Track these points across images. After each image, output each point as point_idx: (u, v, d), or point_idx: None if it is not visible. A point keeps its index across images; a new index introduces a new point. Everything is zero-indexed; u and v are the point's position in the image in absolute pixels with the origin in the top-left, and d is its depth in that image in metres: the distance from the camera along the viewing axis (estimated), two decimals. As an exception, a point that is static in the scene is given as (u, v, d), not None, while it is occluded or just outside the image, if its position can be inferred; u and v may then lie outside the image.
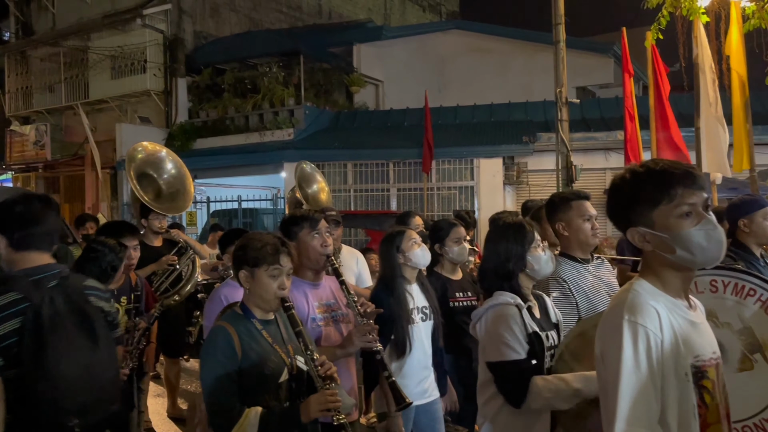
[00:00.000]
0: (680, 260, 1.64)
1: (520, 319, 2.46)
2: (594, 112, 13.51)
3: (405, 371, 3.24)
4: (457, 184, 13.05)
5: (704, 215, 1.62)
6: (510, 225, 2.69)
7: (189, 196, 5.86)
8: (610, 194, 1.78)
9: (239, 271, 2.43)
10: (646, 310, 1.59)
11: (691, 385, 1.58)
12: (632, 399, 1.52)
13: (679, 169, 1.64)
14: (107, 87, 16.21)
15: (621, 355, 1.55)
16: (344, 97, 16.41)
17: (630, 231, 1.70)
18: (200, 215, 14.28)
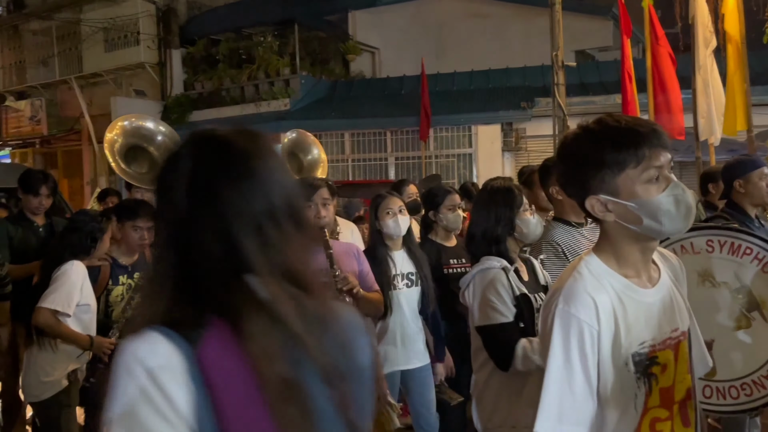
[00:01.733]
0: (646, 231, 1.46)
1: (507, 282, 2.48)
2: (593, 75, 13.36)
3: (388, 336, 3.31)
4: (456, 152, 12.99)
5: (671, 178, 1.45)
6: (498, 189, 2.69)
7: None
8: (562, 157, 1.57)
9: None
10: (581, 299, 1.43)
11: (632, 375, 1.45)
12: (559, 395, 1.40)
13: (644, 127, 1.44)
14: (101, 60, 16.04)
15: (551, 346, 1.43)
16: (341, 66, 16.24)
17: (589, 200, 1.48)
18: (199, 188, 14.26)
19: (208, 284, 0.99)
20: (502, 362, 2.46)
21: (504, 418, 2.52)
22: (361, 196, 11.59)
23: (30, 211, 4.24)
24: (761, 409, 2.70)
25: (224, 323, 0.95)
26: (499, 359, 2.47)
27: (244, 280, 0.99)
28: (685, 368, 1.57)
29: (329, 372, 1.00)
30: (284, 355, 0.95)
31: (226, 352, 0.93)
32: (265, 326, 0.95)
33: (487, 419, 2.58)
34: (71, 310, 3.24)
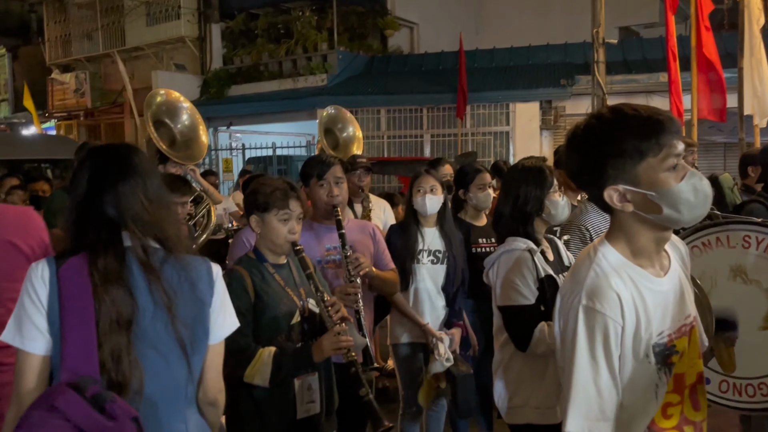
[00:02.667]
0: (665, 220, 1.44)
1: (532, 263, 2.47)
2: (636, 53, 13.00)
3: (409, 304, 3.43)
4: (492, 130, 12.85)
5: (688, 167, 1.44)
6: (529, 169, 2.67)
7: (203, 146, 5.83)
8: (577, 146, 1.52)
9: (250, 216, 2.46)
10: (607, 295, 1.41)
11: (652, 366, 1.45)
12: (587, 392, 1.40)
13: (663, 115, 1.43)
14: (143, 34, 16.28)
15: (576, 343, 1.41)
16: (378, 41, 16.13)
17: (607, 190, 1.45)
18: (236, 162, 14.44)
19: (85, 232, 1.66)
20: (521, 343, 2.47)
21: (526, 398, 2.53)
22: (395, 173, 11.61)
23: None
24: None
25: (85, 255, 1.60)
26: (518, 340, 2.49)
27: (116, 232, 1.65)
28: (697, 353, 1.57)
29: (166, 295, 1.63)
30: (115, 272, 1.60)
31: (77, 269, 1.59)
32: (108, 258, 1.60)
33: (509, 398, 2.59)
34: None
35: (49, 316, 1.57)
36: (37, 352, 1.56)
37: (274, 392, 2.33)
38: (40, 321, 1.57)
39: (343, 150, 5.80)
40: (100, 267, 1.58)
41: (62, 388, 1.46)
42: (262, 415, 2.36)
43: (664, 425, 1.50)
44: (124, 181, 1.67)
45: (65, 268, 1.59)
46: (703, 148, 10.61)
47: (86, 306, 1.55)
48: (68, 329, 1.54)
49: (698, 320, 1.62)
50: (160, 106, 5.57)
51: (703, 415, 1.58)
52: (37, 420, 1.43)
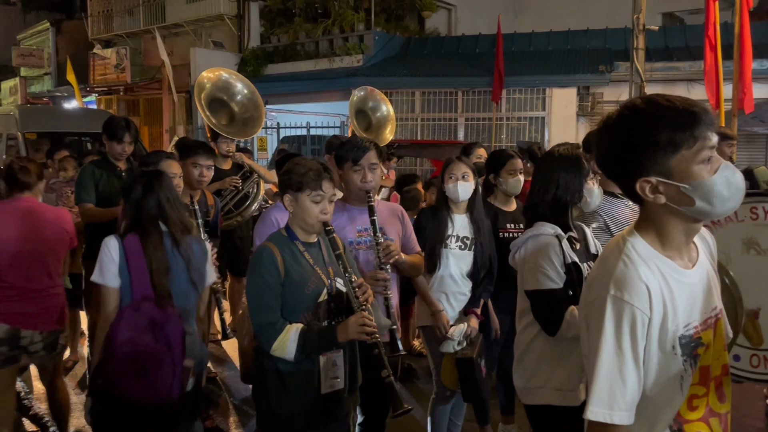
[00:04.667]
0: (697, 213, 1.43)
1: (559, 249, 2.48)
2: (679, 40, 12.70)
3: (435, 289, 3.46)
4: (528, 115, 12.73)
5: (721, 159, 1.42)
6: (568, 157, 2.65)
7: (260, 122, 5.98)
8: (609, 137, 1.50)
9: (284, 195, 2.52)
10: (636, 286, 1.42)
11: (678, 358, 1.45)
12: (610, 381, 1.41)
13: (697, 107, 1.40)
14: (182, 11, 16.47)
15: (602, 333, 1.42)
16: (415, 22, 16.05)
17: (640, 182, 1.44)
18: (271, 141, 14.57)
19: (137, 222, 2.77)
20: (550, 327, 2.48)
21: (545, 380, 2.55)
22: (428, 156, 11.60)
23: (113, 156, 4.45)
24: None
25: (137, 235, 2.73)
26: (547, 324, 2.50)
27: (157, 222, 2.78)
28: (722, 345, 1.57)
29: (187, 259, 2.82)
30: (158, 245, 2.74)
31: (135, 242, 2.71)
32: (153, 236, 2.74)
33: (527, 380, 2.62)
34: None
35: (119, 266, 2.69)
36: (113, 286, 2.70)
37: (300, 366, 2.41)
38: (114, 269, 2.70)
39: (376, 131, 5.82)
40: (150, 241, 2.75)
41: (137, 302, 2.65)
42: (287, 387, 2.44)
43: (690, 417, 1.52)
44: (160, 193, 2.81)
45: (127, 241, 2.74)
46: (744, 139, 10.36)
47: (142, 261, 2.70)
48: (133, 273, 2.70)
49: (724, 312, 1.62)
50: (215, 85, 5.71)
51: (728, 407, 1.59)
52: (128, 314, 2.61)
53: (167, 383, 2.53)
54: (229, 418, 4.35)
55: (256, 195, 5.61)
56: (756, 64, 9.39)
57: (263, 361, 2.46)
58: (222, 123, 5.69)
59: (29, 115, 10.43)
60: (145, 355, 2.52)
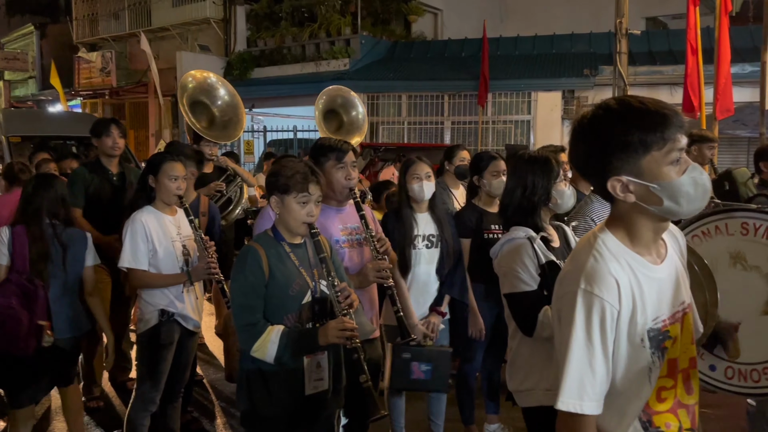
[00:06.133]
0: (665, 212, 1.47)
1: (532, 251, 2.52)
2: (662, 44, 12.86)
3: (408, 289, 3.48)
4: (513, 118, 12.82)
5: (689, 161, 1.46)
6: (536, 159, 2.71)
7: (240, 125, 5.97)
8: (583, 136, 1.53)
9: (271, 197, 2.53)
10: (605, 280, 1.46)
11: (647, 351, 1.49)
12: (580, 372, 1.45)
13: (668, 109, 1.44)
14: (169, 14, 16.43)
15: (573, 325, 1.45)
16: (402, 26, 16.12)
17: (611, 180, 1.47)
18: (257, 144, 14.56)
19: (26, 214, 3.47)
20: (526, 328, 2.52)
21: (536, 381, 2.58)
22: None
23: (107, 152, 4.39)
24: None
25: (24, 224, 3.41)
26: (523, 325, 2.54)
27: (41, 216, 3.43)
28: (689, 339, 1.61)
29: (65, 247, 3.45)
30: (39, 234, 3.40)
31: (21, 230, 3.40)
32: (36, 228, 3.40)
33: (520, 383, 2.65)
34: (141, 262, 3.31)
35: (8, 249, 3.37)
36: (3, 263, 3.37)
37: (284, 367, 2.42)
38: (5, 251, 3.36)
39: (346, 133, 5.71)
40: (32, 231, 3.39)
41: (13, 274, 3.32)
42: (271, 388, 2.44)
43: (658, 408, 1.56)
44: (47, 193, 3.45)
45: (15, 229, 3.40)
46: (726, 142, 10.50)
47: (24, 246, 3.36)
48: (15, 255, 3.37)
49: (693, 307, 1.66)
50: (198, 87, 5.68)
51: (696, 399, 1.63)
52: (3, 283, 3.28)
53: (23, 337, 3.22)
54: (216, 420, 4.35)
55: (239, 199, 5.60)
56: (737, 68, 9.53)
57: (247, 361, 2.46)
58: (202, 126, 5.68)
59: (13, 118, 10.34)
60: (8, 315, 3.21)
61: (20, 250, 3.36)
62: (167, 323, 3.37)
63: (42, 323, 3.27)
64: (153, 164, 3.47)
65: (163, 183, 3.41)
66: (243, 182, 5.62)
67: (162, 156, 3.57)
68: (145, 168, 3.54)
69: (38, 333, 3.26)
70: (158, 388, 3.37)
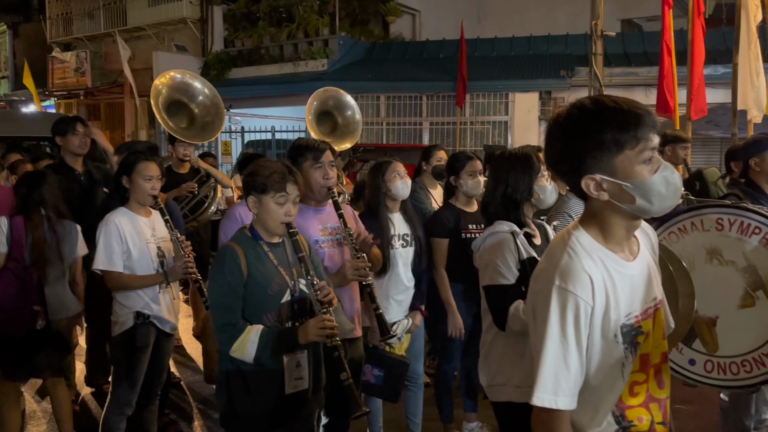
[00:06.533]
0: (637, 210, 1.50)
1: (514, 246, 2.54)
2: (637, 46, 13.02)
3: (384, 290, 3.49)
4: (491, 119, 12.89)
5: (661, 160, 1.49)
6: (517, 156, 2.74)
7: (219, 126, 5.92)
8: (558, 135, 1.55)
9: (248, 197, 2.53)
10: (579, 277, 1.48)
11: (620, 346, 1.51)
12: (555, 368, 1.47)
13: (641, 109, 1.46)
14: (145, 14, 16.26)
15: (548, 322, 1.47)
16: (380, 27, 16.14)
17: (585, 179, 1.49)
18: (235, 145, 14.47)
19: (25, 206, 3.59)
20: (499, 321, 2.56)
21: (508, 377, 2.61)
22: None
23: (73, 151, 4.34)
24: (759, 386, 2.74)
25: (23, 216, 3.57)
26: (497, 318, 2.57)
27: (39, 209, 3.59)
28: (661, 334, 1.64)
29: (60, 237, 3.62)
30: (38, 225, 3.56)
31: (19, 222, 3.55)
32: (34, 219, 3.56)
33: (492, 377, 2.67)
34: (116, 264, 3.28)
35: (7, 238, 3.49)
36: (2, 251, 3.51)
37: (264, 367, 2.42)
38: (3, 239, 3.48)
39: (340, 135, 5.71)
40: (31, 222, 3.52)
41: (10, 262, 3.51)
42: (250, 388, 2.44)
43: (631, 402, 1.58)
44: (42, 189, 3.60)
45: (14, 220, 3.52)
46: (700, 143, 10.65)
47: (21, 236, 3.50)
48: (13, 243, 3.50)
49: (664, 303, 1.70)
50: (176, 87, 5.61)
51: (667, 393, 1.66)
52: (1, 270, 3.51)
53: (18, 319, 3.44)
54: (194, 422, 4.32)
55: (212, 199, 5.55)
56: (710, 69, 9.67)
57: (226, 362, 2.46)
58: (181, 126, 5.62)
59: (-15, 119, 10.18)
60: (6, 300, 3.46)
61: (18, 239, 3.51)
62: (143, 326, 3.34)
63: (36, 308, 3.49)
64: (126, 165, 3.44)
65: (138, 183, 3.38)
66: (217, 183, 5.57)
67: (135, 156, 3.53)
68: (119, 169, 3.50)
69: (33, 317, 3.47)
70: (134, 391, 3.34)
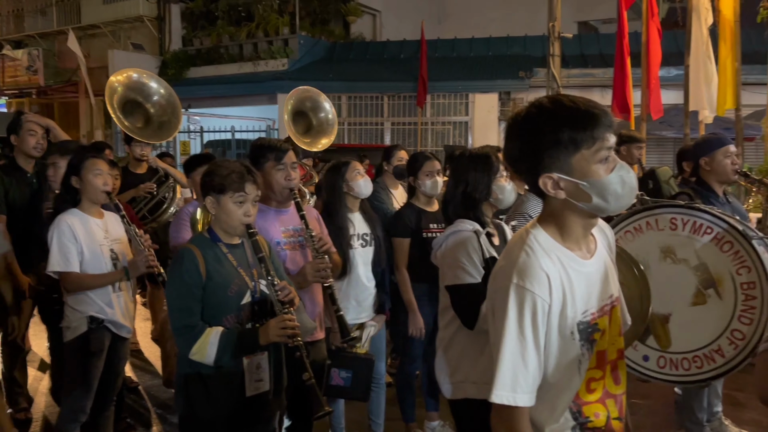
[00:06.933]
0: (593, 208, 1.51)
1: (477, 244, 2.56)
2: (593, 47, 13.29)
3: (344, 291, 3.47)
4: (452, 119, 12.99)
5: (617, 159, 1.51)
6: (476, 156, 2.77)
7: (176, 125, 5.82)
8: (516, 134, 1.56)
9: (206, 197, 2.49)
10: (537, 275, 1.49)
11: (576, 343, 1.53)
12: (513, 365, 1.48)
13: (598, 109, 1.48)
14: (99, 11, 15.91)
15: (506, 319, 1.48)
16: (341, 27, 16.10)
17: (542, 177, 1.51)
18: (194, 145, 14.27)
19: None
20: (468, 321, 2.55)
21: (466, 374, 2.62)
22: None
23: (28, 153, 4.23)
24: (709, 381, 2.82)
25: None
26: (466, 318, 2.57)
27: None
28: (617, 331, 1.67)
29: None
30: None
31: None
32: None
33: (450, 374, 2.68)
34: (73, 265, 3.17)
35: None
36: None
37: (223, 370, 2.39)
38: None
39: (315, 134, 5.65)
40: None
41: None
42: (210, 391, 2.41)
43: (588, 399, 1.61)
44: None
45: None
46: (654, 143, 10.92)
47: None
48: None
49: (621, 300, 1.73)
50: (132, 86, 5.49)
51: (623, 389, 1.69)
52: None
53: None
54: (152, 427, 4.24)
55: (172, 200, 5.46)
56: (663, 71, 9.92)
57: (185, 365, 2.42)
58: (137, 126, 5.51)
59: (-69, 118, 9.83)
60: None
61: None
62: (97, 330, 3.25)
63: None
64: (74, 165, 3.31)
65: (88, 180, 3.26)
66: (176, 183, 5.50)
67: (82, 155, 3.42)
68: (67, 170, 3.39)
69: None
70: (89, 397, 3.25)
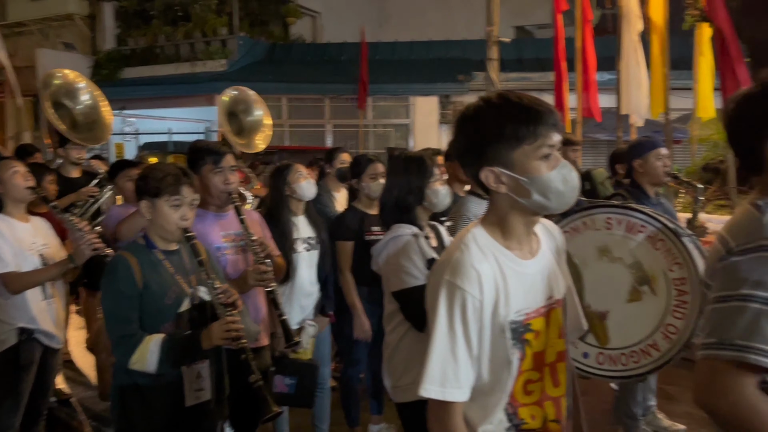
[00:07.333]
0: (533, 205, 1.53)
1: (417, 247, 2.57)
2: (530, 52, 13.59)
3: (288, 295, 3.44)
4: (393, 122, 13.06)
5: (561, 158, 1.54)
6: (410, 159, 2.79)
7: (107, 128, 5.64)
8: (463, 127, 1.59)
9: (140, 201, 2.42)
10: (467, 272, 1.51)
11: (507, 341, 1.55)
12: (443, 360, 1.50)
13: (543, 107, 1.50)
14: (26, 9, 15.23)
15: (437, 315, 1.51)
16: (280, 28, 15.95)
17: (484, 170, 1.53)
18: (129, 148, 13.86)
19: None
20: (418, 323, 2.55)
21: (414, 378, 2.61)
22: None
23: None
24: (646, 375, 2.92)
25: None
26: (415, 320, 2.57)
27: None
28: (557, 333, 1.68)
29: None
30: None
31: None
32: None
33: (398, 378, 2.68)
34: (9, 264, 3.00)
35: None
36: None
37: (161, 380, 2.32)
38: None
39: (248, 135, 5.61)
40: None
41: None
42: (148, 402, 2.34)
43: (524, 401, 1.62)
44: None
45: None
46: (589, 145, 11.25)
47: None
48: None
49: (566, 303, 1.73)
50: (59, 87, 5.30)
51: (562, 391, 1.70)
52: None
53: None
54: (87, 442, 4.08)
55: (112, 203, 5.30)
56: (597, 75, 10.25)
57: (121, 376, 2.34)
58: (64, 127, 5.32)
59: None
60: None
61: None
62: (27, 342, 3.10)
63: None
64: None
65: (7, 180, 3.12)
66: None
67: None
68: None
69: None
70: (17, 414, 3.09)
